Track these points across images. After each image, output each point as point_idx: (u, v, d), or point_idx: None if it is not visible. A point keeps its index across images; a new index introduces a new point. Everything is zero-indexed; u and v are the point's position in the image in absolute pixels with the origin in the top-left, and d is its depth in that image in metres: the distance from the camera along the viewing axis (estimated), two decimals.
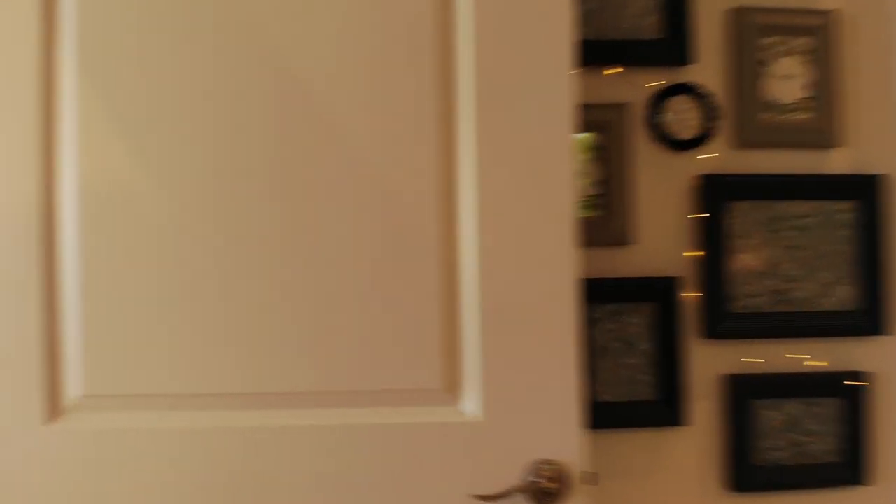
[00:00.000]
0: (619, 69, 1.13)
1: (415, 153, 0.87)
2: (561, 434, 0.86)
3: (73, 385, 0.86)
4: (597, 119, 1.09)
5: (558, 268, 0.87)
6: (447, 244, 0.87)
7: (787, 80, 1.17)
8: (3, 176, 0.85)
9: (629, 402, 1.12)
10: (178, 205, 0.86)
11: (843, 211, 1.17)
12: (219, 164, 0.86)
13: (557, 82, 0.88)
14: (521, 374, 0.86)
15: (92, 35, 0.86)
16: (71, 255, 0.86)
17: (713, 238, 1.15)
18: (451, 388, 0.87)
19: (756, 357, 1.15)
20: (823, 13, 1.18)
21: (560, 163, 0.88)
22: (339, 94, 0.87)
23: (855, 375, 1.16)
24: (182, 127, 0.86)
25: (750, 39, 1.16)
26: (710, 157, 1.16)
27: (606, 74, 1.12)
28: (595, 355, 1.06)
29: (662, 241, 1.15)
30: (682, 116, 1.15)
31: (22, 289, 0.85)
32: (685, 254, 1.15)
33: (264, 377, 0.86)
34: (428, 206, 0.87)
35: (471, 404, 0.86)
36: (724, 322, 1.14)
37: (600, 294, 1.05)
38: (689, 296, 1.14)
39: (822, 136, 1.18)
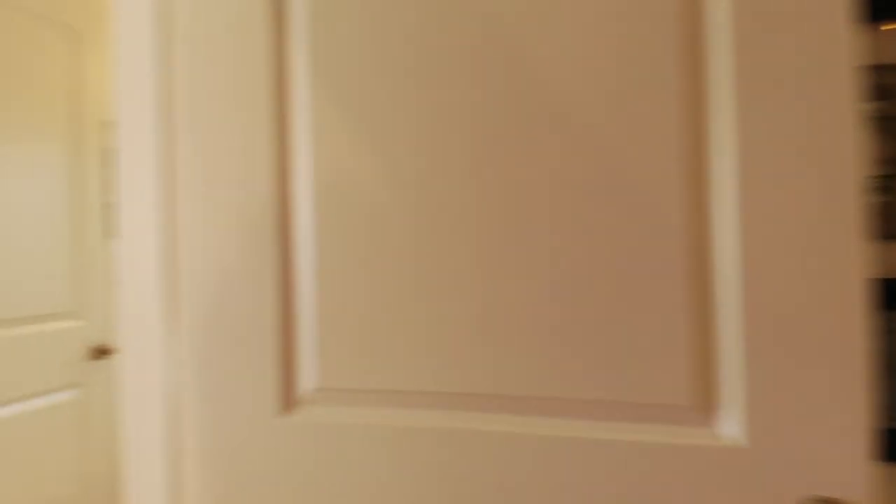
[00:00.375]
0: None
1: (660, 138, 0.76)
2: (844, 466, 0.71)
3: (307, 378, 0.87)
4: (882, 84, 0.89)
5: (840, 266, 0.71)
6: (698, 243, 0.75)
7: None
8: (240, 175, 0.89)
9: None
10: (411, 199, 0.83)
11: None
12: (454, 157, 0.82)
13: (834, 40, 0.72)
14: (793, 394, 0.72)
15: (323, 33, 0.86)
16: (306, 251, 0.87)
17: None
18: (704, 406, 0.75)
19: None
20: None
21: (839, 138, 0.72)
22: (577, 80, 0.79)
23: None
24: (414, 121, 0.83)
25: None
26: None
27: (891, 29, 0.92)
28: (884, 372, 0.87)
29: None
30: None
31: (259, 285, 0.88)
32: None
33: (496, 379, 0.80)
34: (675, 201, 0.75)
35: (729, 426, 0.74)
36: None
37: (890, 298, 0.85)
38: None
39: None
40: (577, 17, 0.78)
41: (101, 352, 2.01)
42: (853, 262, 0.71)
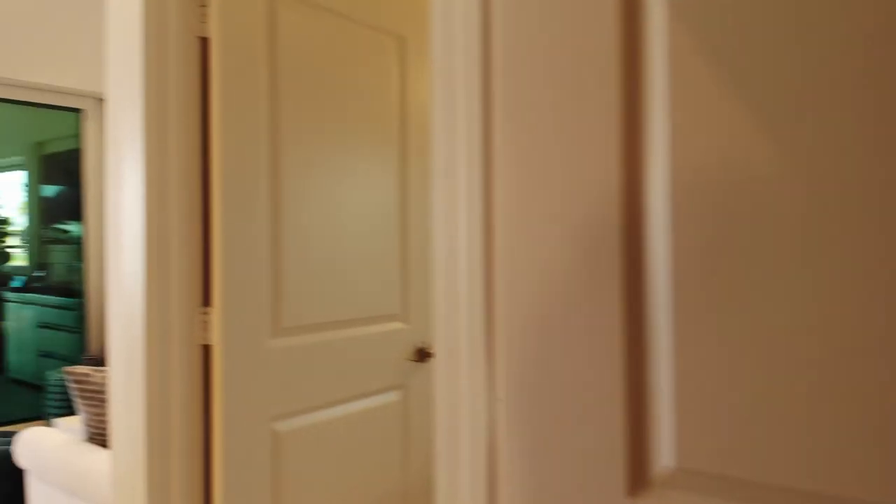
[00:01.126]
0: None
1: None
2: None
3: (662, 453, 0.67)
4: None
5: None
6: None
7: None
8: (570, 177, 0.70)
9: None
10: (829, 208, 0.57)
11: None
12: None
13: None
14: None
15: None
16: (659, 274, 0.67)
17: None
18: None
19: None
20: None
21: None
22: None
23: None
24: (828, 87, 0.57)
25: None
26: None
27: None
28: None
29: None
30: None
31: (597, 317, 0.69)
32: None
33: None
34: None
35: None
36: None
37: None
38: None
39: None
40: None
41: (423, 354, 2.05)
42: None
